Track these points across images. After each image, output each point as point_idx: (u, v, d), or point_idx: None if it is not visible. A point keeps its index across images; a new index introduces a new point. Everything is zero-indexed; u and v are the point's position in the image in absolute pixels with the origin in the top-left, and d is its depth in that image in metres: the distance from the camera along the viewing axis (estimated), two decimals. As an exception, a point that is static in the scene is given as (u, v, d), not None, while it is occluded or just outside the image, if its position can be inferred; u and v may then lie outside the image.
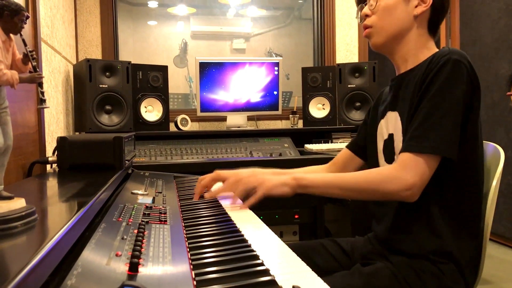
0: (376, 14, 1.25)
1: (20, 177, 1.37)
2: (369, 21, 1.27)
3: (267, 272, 0.69)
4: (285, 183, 1.20)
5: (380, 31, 1.26)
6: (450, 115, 1.08)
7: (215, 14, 4.01)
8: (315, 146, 2.53)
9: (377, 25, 1.26)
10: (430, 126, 1.08)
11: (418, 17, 1.22)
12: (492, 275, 2.64)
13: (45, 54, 1.88)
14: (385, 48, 1.28)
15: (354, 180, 1.16)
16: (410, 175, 1.07)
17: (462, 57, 1.12)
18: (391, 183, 1.09)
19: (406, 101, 1.21)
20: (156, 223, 0.91)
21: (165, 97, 2.64)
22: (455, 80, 1.09)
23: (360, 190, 1.15)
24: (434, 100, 1.09)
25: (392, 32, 1.24)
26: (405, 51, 1.25)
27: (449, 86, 1.09)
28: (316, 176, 1.22)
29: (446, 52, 1.13)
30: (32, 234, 0.63)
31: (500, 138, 3.21)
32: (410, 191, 1.07)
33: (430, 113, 1.09)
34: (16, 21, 0.65)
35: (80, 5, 2.93)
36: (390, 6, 1.23)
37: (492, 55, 3.28)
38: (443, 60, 1.11)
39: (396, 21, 1.23)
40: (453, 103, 1.08)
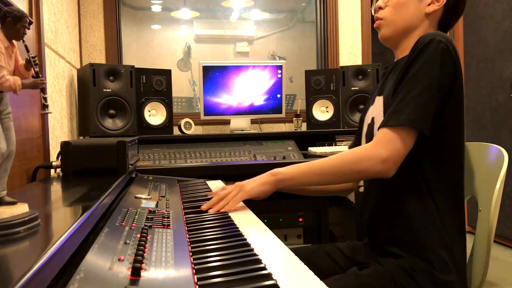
0: (389, 7, 1.28)
1: (24, 182, 1.37)
2: (381, 13, 1.30)
3: (270, 276, 0.68)
4: (264, 182, 1.22)
5: (390, 24, 1.28)
6: (428, 91, 1.09)
7: (218, 17, 4.02)
8: (319, 149, 2.53)
9: (387, 18, 1.28)
10: (407, 101, 1.09)
11: (430, 15, 1.24)
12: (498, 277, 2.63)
13: (49, 59, 1.89)
14: (392, 41, 1.31)
15: (329, 164, 1.18)
16: (384, 150, 1.09)
17: (447, 40, 1.12)
18: (366, 160, 1.11)
19: (391, 85, 1.23)
20: (159, 227, 0.92)
21: (169, 101, 2.64)
22: (436, 58, 1.10)
23: (337, 172, 1.17)
24: (414, 78, 1.11)
25: (401, 27, 1.27)
26: (409, 45, 1.25)
27: (430, 64, 1.10)
28: (292, 167, 1.23)
29: (432, 34, 1.14)
30: (35, 239, 0.63)
31: (505, 140, 3.19)
32: (385, 165, 1.09)
33: (408, 90, 1.10)
34: (18, 27, 0.66)
35: (84, 10, 2.94)
36: (403, 1, 1.25)
37: (496, 56, 3.27)
38: (427, 39, 1.12)
39: (406, 16, 1.26)
40: (432, 80, 1.09)
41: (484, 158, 1.30)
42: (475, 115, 3.59)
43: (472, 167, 1.34)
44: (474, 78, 3.55)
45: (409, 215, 1.15)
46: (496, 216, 1.18)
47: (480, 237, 1.22)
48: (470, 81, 3.62)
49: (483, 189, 1.25)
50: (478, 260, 1.21)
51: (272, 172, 1.23)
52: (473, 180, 1.32)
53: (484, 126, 3.47)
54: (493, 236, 1.18)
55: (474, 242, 1.24)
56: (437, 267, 1.11)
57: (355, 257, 1.32)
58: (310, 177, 1.20)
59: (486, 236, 1.18)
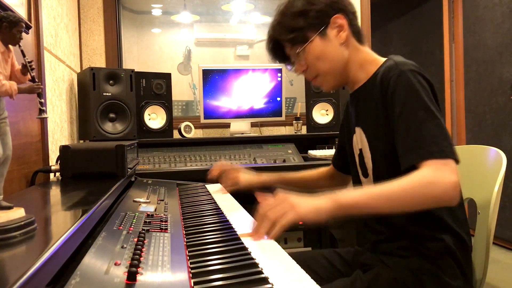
0: (311, 66, 1.26)
1: (23, 186, 1.37)
2: (310, 74, 1.28)
3: (266, 280, 0.69)
4: (321, 207, 1.00)
5: (327, 76, 1.27)
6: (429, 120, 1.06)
7: (218, 21, 4.02)
8: (319, 152, 2.53)
9: (319, 73, 1.27)
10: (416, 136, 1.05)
11: (345, 42, 1.23)
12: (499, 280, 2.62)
13: (49, 63, 1.89)
14: (339, 84, 1.31)
15: (399, 188, 1.02)
16: (449, 174, 1.00)
17: (412, 66, 1.12)
18: (438, 185, 0.99)
19: (367, 118, 1.23)
20: (157, 231, 0.92)
21: (169, 105, 2.65)
22: (415, 90, 1.08)
23: (410, 197, 1.02)
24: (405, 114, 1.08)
25: (336, 70, 1.25)
26: (353, 74, 1.27)
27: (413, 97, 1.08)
28: (358, 192, 1.06)
29: (394, 66, 1.13)
30: (31, 243, 0.63)
31: (505, 142, 3.19)
32: (456, 190, 1.00)
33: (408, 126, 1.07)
34: (14, 32, 0.66)
35: (84, 14, 2.95)
36: (318, 53, 1.23)
37: (496, 59, 3.27)
38: (395, 74, 1.11)
39: (332, 60, 1.24)
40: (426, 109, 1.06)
41: (483, 161, 1.30)
42: (475, 117, 3.58)
43: (471, 170, 1.33)
44: (474, 81, 3.55)
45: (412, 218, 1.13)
46: (494, 218, 1.18)
47: (479, 239, 1.21)
48: (470, 83, 3.61)
49: (481, 192, 1.25)
50: (478, 263, 1.21)
51: (334, 198, 1.01)
52: (472, 183, 1.32)
53: (484, 128, 3.47)
54: (492, 238, 1.17)
55: (473, 245, 1.24)
56: (445, 271, 1.11)
57: (357, 260, 1.32)
58: (380, 202, 1.03)
59: (485, 239, 1.18)
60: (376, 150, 1.21)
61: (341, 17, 1.21)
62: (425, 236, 1.15)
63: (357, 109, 1.30)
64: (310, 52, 1.23)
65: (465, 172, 1.22)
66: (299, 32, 1.22)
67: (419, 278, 1.11)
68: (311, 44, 1.22)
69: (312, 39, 1.22)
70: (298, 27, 1.22)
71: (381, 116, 1.15)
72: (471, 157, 1.36)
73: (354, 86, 1.29)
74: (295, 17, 1.22)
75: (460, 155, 1.20)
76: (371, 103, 1.19)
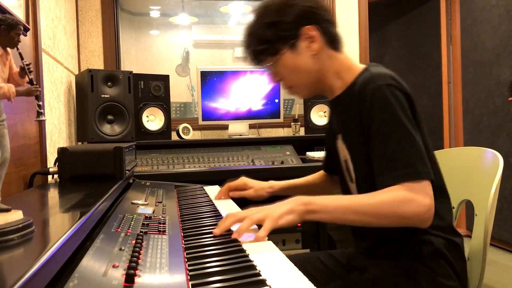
0: (284, 77, 1.25)
1: (21, 188, 1.37)
2: (285, 84, 1.28)
3: (264, 282, 0.69)
4: (291, 210, 1.03)
5: (300, 87, 1.27)
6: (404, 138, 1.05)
7: (216, 23, 4.03)
8: (317, 154, 2.53)
9: (293, 84, 1.26)
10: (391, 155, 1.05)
11: (317, 53, 1.20)
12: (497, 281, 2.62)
13: (47, 65, 1.89)
14: (314, 93, 1.30)
15: (370, 203, 1.04)
16: (423, 196, 1.01)
17: (388, 79, 1.10)
18: (410, 205, 1.01)
19: (347, 128, 1.23)
20: (155, 233, 0.92)
21: (167, 106, 2.65)
22: (390, 106, 1.06)
23: (379, 214, 1.04)
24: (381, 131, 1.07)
25: (310, 81, 1.24)
26: (328, 82, 1.25)
27: (389, 114, 1.07)
28: (327, 199, 1.07)
29: (370, 80, 1.11)
30: (29, 246, 0.63)
31: (503, 144, 3.20)
32: (429, 213, 1.02)
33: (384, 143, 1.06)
34: (12, 35, 0.66)
35: (82, 16, 2.95)
36: (290, 65, 1.21)
37: (493, 61, 3.28)
38: (371, 90, 1.09)
39: (305, 72, 1.22)
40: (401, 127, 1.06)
41: (480, 163, 1.31)
42: (473, 119, 3.59)
43: (468, 171, 1.34)
44: (471, 82, 3.56)
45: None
46: (491, 220, 1.18)
47: (477, 241, 1.22)
48: (468, 85, 3.62)
49: (479, 194, 1.26)
50: (475, 264, 1.21)
51: (303, 201, 1.04)
52: (469, 185, 1.32)
53: (482, 130, 3.48)
54: (489, 240, 1.18)
55: (470, 246, 1.24)
56: (439, 272, 1.12)
57: (351, 262, 1.32)
58: (347, 214, 1.05)
59: (483, 240, 1.18)
60: (356, 161, 1.21)
61: (312, 29, 1.18)
62: (415, 241, 1.15)
63: (337, 117, 1.30)
64: (281, 64, 1.21)
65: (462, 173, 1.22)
66: (270, 44, 1.20)
67: (413, 279, 1.12)
68: (282, 56, 1.20)
69: (282, 52, 1.19)
70: (269, 40, 1.19)
71: (359, 129, 1.14)
72: (468, 159, 1.36)
73: (333, 94, 1.27)
74: (266, 28, 1.19)
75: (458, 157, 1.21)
76: (349, 114, 1.18)
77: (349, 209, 1.05)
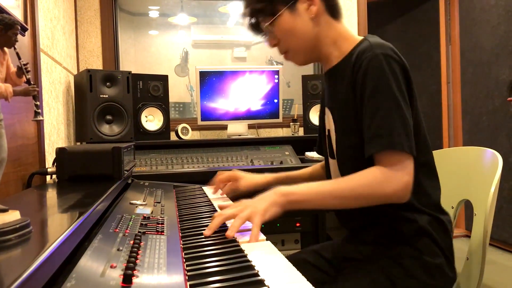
0: (281, 40, 1.24)
1: (19, 188, 1.37)
2: (281, 48, 1.26)
3: (262, 282, 0.68)
4: (274, 202, 1.05)
5: (297, 51, 1.25)
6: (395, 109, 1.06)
7: (215, 23, 4.03)
8: (316, 154, 2.53)
9: (289, 47, 1.25)
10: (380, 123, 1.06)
11: (316, 16, 1.20)
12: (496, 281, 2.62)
13: (45, 65, 1.89)
14: (310, 60, 1.29)
15: (349, 187, 1.08)
16: (401, 174, 1.04)
17: (387, 49, 1.10)
18: (388, 184, 1.04)
19: (337, 98, 1.21)
20: (153, 233, 0.91)
21: (166, 106, 2.64)
22: (386, 76, 1.07)
23: (357, 196, 1.07)
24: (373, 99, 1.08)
25: (307, 45, 1.23)
26: (325, 51, 1.24)
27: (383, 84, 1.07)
28: (305, 188, 1.09)
29: (369, 48, 1.11)
30: (26, 246, 0.63)
31: (502, 144, 3.20)
32: (407, 189, 1.05)
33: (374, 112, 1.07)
34: (10, 35, 0.66)
35: (81, 16, 2.95)
36: (288, 27, 1.21)
37: (492, 61, 3.28)
38: (367, 57, 1.09)
39: (302, 35, 1.21)
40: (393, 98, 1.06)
41: (479, 163, 1.31)
42: (472, 119, 3.59)
43: (467, 171, 1.34)
44: (470, 82, 3.56)
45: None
46: (491, 220, 1.18)
47: (476, 241, 1.22)
48: (467, 85, 3.62)
49: (478, 193, 1.26)
50: (474, 264, 1.21)
51: (283, 192, 1.06)
52: (468, 184, 1.32)
53: (481, 130, 3.48)
54: (488, 239, 1.18)
55: (469, 246, 1.24)
56: (424, 251, 1.12)
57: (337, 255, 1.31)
58: (327, 200, 1.08)
59: (482, 240, 1.18)
60: (341, 132, 1.20)
61: None
62: (398, 218, 1.15)
63: (329, 89, 1.28)
64: (279, 26, 1.21)
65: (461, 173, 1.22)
66: (269, 4, 1.20)
67: (399, 263, 1.12)
68: (280, 17, 1.19)
69: (280, 13, 1.19)
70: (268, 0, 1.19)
71: (350, 98, 1.14)
72: (467, 159, 1.36)
73: (328, 64, 1.26)
74: None
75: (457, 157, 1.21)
76: (342, 83, 1.17)
77: (329, 194, 1.08)
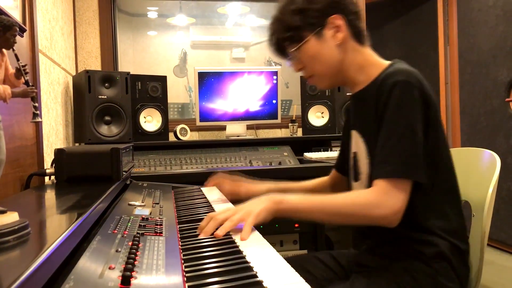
0: (306, 65, 1.26)
1: (18, 189, 1.37)
2: (306, 72, 1.29)
3: (260, 283, 0.69)
4: (267, 208, 1.08)
5: (322, 76, 1.27)
6: (407, 138, 1.08)
7: (214, 24, 4.03)
8: (315, 155, 2.53)
9: (314, 73, 1.27)
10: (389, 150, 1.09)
11: (342, 43, 1.22)
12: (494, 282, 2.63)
13: (44, 66, 1.89)
14: (335, 84, 1.32)
15: (339, 204, 1.11)
16: (395, 200, 1.06)
17: (410, 76, 1.11)
18: (380, 208, 1.06)
19: (365, 121, 1.23)
20: (152, 234, 0.91)
21: (164, 107, 2.64)
22: (404, 104, 1.09)
23: (347, 214, 1.11)
24: (389, 125, 1.10)
25: (332, 71, 1.25)
26: (351, 76, 1.26)
27: (400, 111, 1.09)
28: (297, 199, 1.13)
29: (393, 74, 1.12)
30: (25, 248, 0.63)
31: (500, 144, 3.20)
32: (397, 215, 1.07)
33: (387, 138, 1.10)
34: (8, 36, 0.66)
35: (79, 17, 2.95)
36: (313, 53, 1.23)
37: (490, 61, 3.29)
38: (390, 83, 1.11)
39: (328, 61, 1.23)
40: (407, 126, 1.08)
41: (477, 163, 1.31)
42: (470, 119, 3.60)
43: (465, 172, 1.34)
44: (468, 83, 3.57)
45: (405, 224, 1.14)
46: (489, 221, 1.18)
47: (474, 241, 1.22)
48: (465, 86, 3.63)
49: (476, 194, 1.26)
50: (472, 264, 1.21)
51: (275, 200, 1.10)
52: (466, 185, 1.32)
53: (479, 130, 3.48)
54: (486, 240, 1.18)
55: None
56: (441, 273, 1.12)
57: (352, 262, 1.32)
58: (315, 214, 1.12)
59: (480, 240, 1.18)
60: (373, 155, 1.21)
61: (339, 18, 1.20)
62: (420, 241, 1.15)
63: (356, 112, 1.30)
64: (305, 51, 1.23)
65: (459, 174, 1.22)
66: (296, 31, 1.22)
67: (415, 278, 1.12)
68: (307, 44, 1.22)
69: (307, 39, 1.21)
70: (295, 26, 1.22)
71: (376, 122, 1.16)
72: (465, 160, 1.36)
73: (354, 88, 1.29)
74: (293, 15, 1.22)
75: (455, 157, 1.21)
76: (369, 107, 1.19)
77: (320, 208, 1.11)
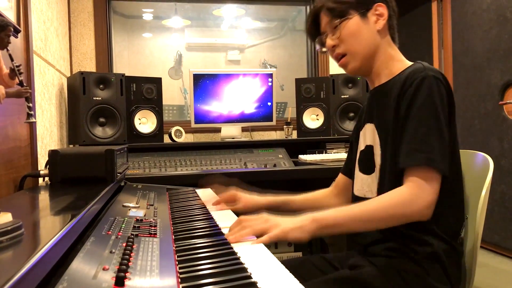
0: (343, 42, 1.27)
1: (11, 191, 1.36)
2: (341, 49, 1.28)
3: (255, 284, 0.69)
4: (303, 227, 1.05)
5: (356, 56, 1.28)
6: (436, 130, 1.10)
7: (209, 26, 4.03)
8: (309, 157, 2.54)
9: (350, 51, 1.28)
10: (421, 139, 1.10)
11: (381, 30, 1.26)
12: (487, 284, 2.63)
13: (38, 67, 1.88)
14: (362, 70, 1.31)
15: (376, 209, 1.10)
16: (428, 193, 1.07)
17: (438, 73, 1.15)
18: (415, 203, 1.07)
19: (383, 114, 1.24)
20: (146, 236, 0.91)
21: (159, 109, 2.64)
22: (434, 97, 1.12)
23: (385, 217, 1.10)
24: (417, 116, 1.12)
25: (366, 53, 1.27)
26: (378, 66, 1.29)
27: (430, 104, 1.12)
28: (335, 213, 1.11)
29: (422, 69, 1.16)
30: (18, 249, 0.63)
31: (493, 147, 3.22)
32: (431, 208, 1.08)
33: (416, 128, 1.12)
34: (2, 36, 0.66)
35: (74, 18, 2.94)
36: (354, 30, 1.26)
37: (484, 64, 3.31)
38: (420, 76, 1.14)
39: (365, 42, 1.26)
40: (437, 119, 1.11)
41: (471, 166, 1.31)
42: (464, 122, 3.62)
43: (459, 174, 1.34)
44: (462, 86, 3.59)
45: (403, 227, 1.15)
46: (482, 223, 1.18)
47: (467, 243, 1.22)
48: (459, 89, 3.65)
49: (469, 197, 1.26)
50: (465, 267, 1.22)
51: (315, 218, 1.06)
52: (460, 187, 1.32)
53: (473, 133, 3.50)
54: (479, 242, 1.18)
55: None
56: (432, 274, 1.12)
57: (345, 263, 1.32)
58: (354, 224, 1.11)
59: (473, 243, 1.19)
60: (385, 148, 1.23)
61: (384, 7, 1.26)
62: (414, 239, 1.16)
63: (372, 105, 1.32)
64: (346, 27, 1.25)
65: (453, 176, 1.23)
66: (343, 4, 1.26)
67: (404, 278, 1.13)
68: (350, 20, 1.25)
69: (352, 16, 1.25)
70: (345, 0, 1.26)
71: (394, 114, 1.19)
72: (459, 162, 1.36)
73: (376, 81, 1.31)
74: None
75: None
76: (389, 100, 1.21)
77: (359, 217, 1.11)
